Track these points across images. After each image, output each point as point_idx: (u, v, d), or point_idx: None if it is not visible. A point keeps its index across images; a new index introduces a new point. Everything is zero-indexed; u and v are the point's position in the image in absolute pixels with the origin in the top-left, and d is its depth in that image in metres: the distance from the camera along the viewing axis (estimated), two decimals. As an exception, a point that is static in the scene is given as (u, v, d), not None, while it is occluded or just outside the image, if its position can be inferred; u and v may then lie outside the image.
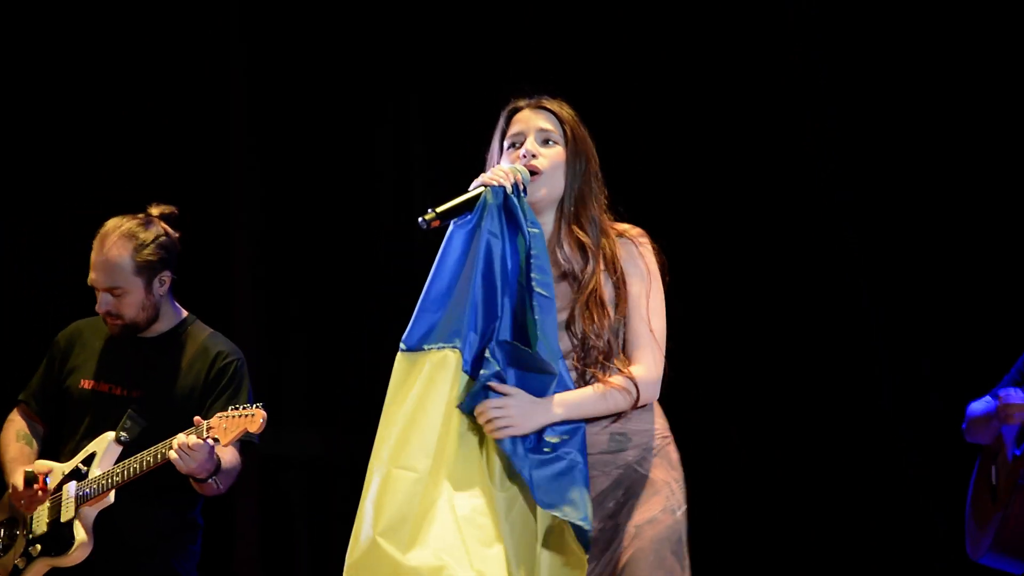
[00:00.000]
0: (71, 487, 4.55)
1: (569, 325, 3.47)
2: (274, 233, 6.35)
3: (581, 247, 3.53)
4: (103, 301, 4.66)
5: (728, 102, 6.01)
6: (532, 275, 3.33)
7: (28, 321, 6.16)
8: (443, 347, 3.33)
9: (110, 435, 4.56)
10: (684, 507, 3.47)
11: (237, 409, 4.34)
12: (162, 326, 4.74)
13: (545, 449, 3.32)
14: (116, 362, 4.72)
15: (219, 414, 4.35)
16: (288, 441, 6.16)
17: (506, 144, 3.62)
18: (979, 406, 4.94)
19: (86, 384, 4.72)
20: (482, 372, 3.32)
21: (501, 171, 3.46)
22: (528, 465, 3.28)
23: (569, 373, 3.42)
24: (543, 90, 3.69)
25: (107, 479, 4.50)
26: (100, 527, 4.53)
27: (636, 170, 3.64)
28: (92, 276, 4.68)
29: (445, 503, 3.23)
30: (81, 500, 4.53)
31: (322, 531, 5.40)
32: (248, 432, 4.32)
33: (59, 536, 4.54)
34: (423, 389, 3.29)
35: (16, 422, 4.81)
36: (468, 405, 3.32)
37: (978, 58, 5.79)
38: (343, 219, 6.32)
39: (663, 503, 3.41)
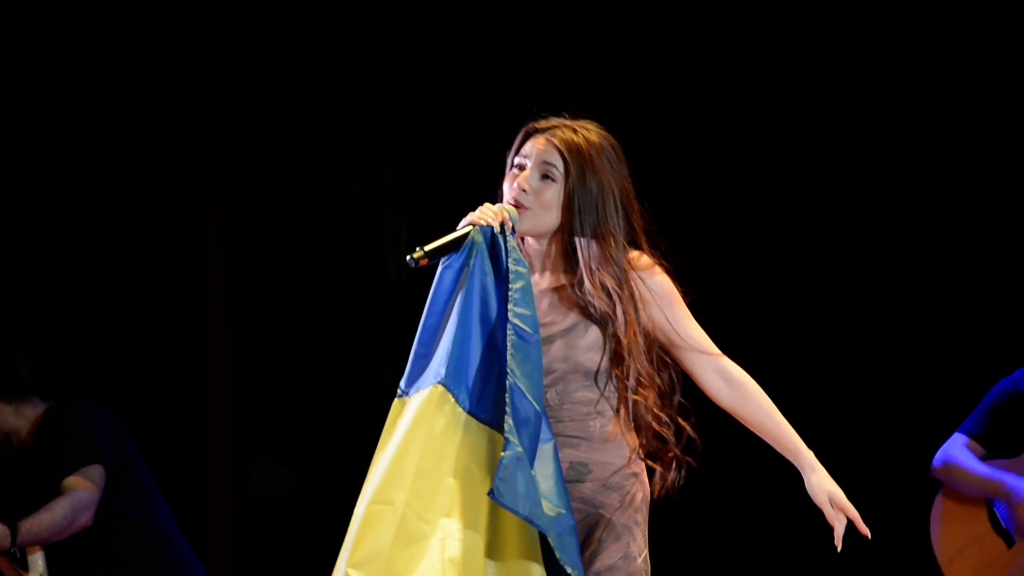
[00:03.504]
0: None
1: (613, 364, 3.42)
2: (245, 261, 6.38)
3: (604, 288, 3.41)
4: None
5: (735, 109, 5.99)
6: (512, 315, 3.30)
7: (27, 321, 6.22)
8: (428, 387, 3.29)
9: None
10: (645, 552, 3.35)
11: None
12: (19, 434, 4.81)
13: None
14: None
15: None
16: (259, 476, 6.18)
17: (516, 161, 3.51)
18: (964, 457, 4.80)
19: None
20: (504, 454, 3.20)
21: (490, 210, 3.38)
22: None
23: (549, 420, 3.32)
24: (566, 107, 3.53)
25: None
26: None
27: (642, 175, 3.57)
28: None
29: (437, 543, 3.19)
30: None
31: (293, 567, 5.44)
32: None
33: None
34: (407, 429, 3.26)
35: None
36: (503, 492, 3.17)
37: (990, 63, 5.76)
38: (313, 245, 6.34)
39: (623, 550, 3.31)
